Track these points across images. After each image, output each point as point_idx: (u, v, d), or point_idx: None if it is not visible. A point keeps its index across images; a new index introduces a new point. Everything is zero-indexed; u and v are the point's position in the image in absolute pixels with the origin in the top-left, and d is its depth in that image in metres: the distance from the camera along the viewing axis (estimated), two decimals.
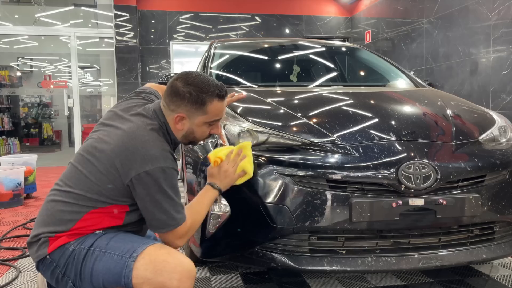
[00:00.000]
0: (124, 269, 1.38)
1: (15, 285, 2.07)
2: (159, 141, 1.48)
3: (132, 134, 1.45)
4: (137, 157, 1.40)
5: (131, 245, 1.42)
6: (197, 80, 1.51)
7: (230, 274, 2.17)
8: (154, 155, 1.42)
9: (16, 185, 3.93)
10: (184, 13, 7.85)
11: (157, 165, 1.41)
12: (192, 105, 1.50)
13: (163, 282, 1.37)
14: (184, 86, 1.49)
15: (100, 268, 1.40)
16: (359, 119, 1.98)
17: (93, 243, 1.43)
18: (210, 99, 1.51)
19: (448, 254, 1.75)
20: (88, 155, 1.48)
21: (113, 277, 1.39)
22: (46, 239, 1.43)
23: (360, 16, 8.13)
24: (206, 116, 1.54)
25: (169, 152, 1.48)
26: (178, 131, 1.57)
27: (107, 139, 1.47)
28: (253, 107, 2.18)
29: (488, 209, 1.77)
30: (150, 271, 1.38)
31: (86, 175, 1.45)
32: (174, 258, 1.42)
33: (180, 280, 1.39)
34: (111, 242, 1.43)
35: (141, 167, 1.39)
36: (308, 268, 1.69)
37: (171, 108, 1.53)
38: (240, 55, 3.36)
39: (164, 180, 1.42)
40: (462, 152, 1.82)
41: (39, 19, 7.98)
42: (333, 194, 1.68)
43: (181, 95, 1.49)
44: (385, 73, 3.10)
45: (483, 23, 4.83)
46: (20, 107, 11.23)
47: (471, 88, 5.05)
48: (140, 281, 1.37)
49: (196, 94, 1.49)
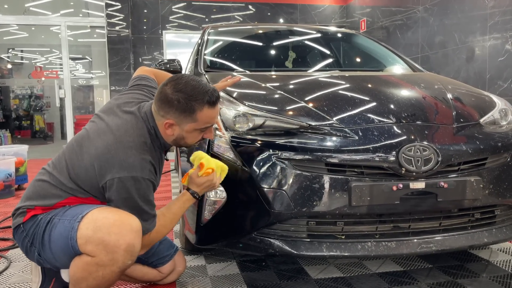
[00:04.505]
0: (70, 231, 1.38)
1: (6, 276, 2.02)
2: (142, 150, 1.47)
3: (118, 138, 1.45)
4: (115, 163, 1.41)
5: (81, 209, 1.43)
6: (187, 86, 1.46)
7: (226, 262, 2.13)
8: (132, 164, 1.42)
9: (7, 176, 3.86)
10: (177, 2, 7.73)
11: (132, 174, 1.41)
12: (180, 113, 1.46)
13: (102, 238, 1.36)
14: (172, 93, 1.45)
15: (55, 234, 1.41)
16: (357, 102, 1.93)
17: (56, 213, 1.44)
18: (200, 107, 1.46)
19: (449, 239, 1.72)
20: (77, 147, 1.51)
21: (64, 241, 1.39)
22: (24, 210, 1.48)
23: (355, 5, 8.06)
24: (197, 124, 1.49)
25: (150, 163, 1.47)
26: (168, 136, 1.55)
27: (95, 137, 1.49)
28: (249, 91, 2.13)
29: (489, 192, 1.74)
30: (91, 229, 1.37)
31: (69, 166, 1.48)
32: (115, 214, 1.41)
33: (119, 233, 1.37)
34: (69, 210, 1.44)
35: (116, 173, 1.40)
36: (307, 253, 1.65)
37: (160, 114, 1.50)
38: (234, 41, 3.29)
39: (135, 190, 1.42)
40: (463, 135, 1.79)
41: (28, 8, 7.83)
42: (332, 178, 1.64)
43: (170, 102, 1.46)
44: (382, 59, 3.05)
45: (480, 10, 4.79)
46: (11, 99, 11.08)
47: (467, 75, 5.02)
48: (84, 241, 1.37)
49: (185, 102, 1.44)
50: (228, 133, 1.77)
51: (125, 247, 1.37)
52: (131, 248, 1.39)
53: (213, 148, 1.76)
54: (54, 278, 1.59)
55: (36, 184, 1.51)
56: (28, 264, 2.15)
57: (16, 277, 2.00)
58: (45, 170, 1.54)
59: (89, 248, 1.36)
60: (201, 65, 2.66)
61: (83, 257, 1.38)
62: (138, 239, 1.41)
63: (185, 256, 2.02)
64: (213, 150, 1.76)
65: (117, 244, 1.36)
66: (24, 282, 1.94)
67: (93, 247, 1.35)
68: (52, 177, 1.49)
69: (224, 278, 1.94)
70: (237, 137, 1.75)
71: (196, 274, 1.99)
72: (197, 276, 1.96)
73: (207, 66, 2.70)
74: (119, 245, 1.36)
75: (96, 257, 1.36)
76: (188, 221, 1.90)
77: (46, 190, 1.48)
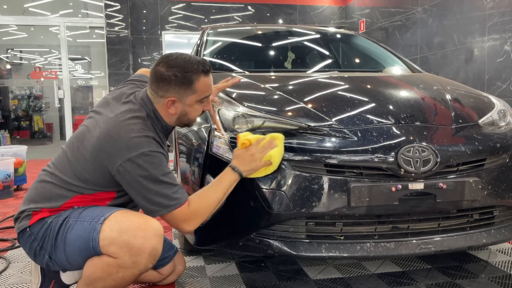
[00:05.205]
0: (92, 233, 1.38)
1: (5, 276, 2.02)
2: (143, 128, 1.46)
3: (117, 123, 1.45)
4: (121, 145, 1.40)
5: (101, 211, 1.43)
6: (179, 60, 1.48)
7: (225, 263, 2.13)
8: (137, 142, 1.40)
9: (5, 176, 3.85)
10: (176, 2, 7.73)
11: (141, 150, 1.39)
12: (180, 86, 1.48)
13: (127, 240, 1.36)
14: (167, 70, 1.47)
15: (72, 236, 1.40)
16: (356, 103, 1.94)
17: (68, 215, 1.43)
18: (197, 77, 1.48)
19: (447, 239, 1.72)
20: (78, 142, 1.50)
21: (83, 243, 1.38)
22: (30, 213, 1.46)
23: (354, 6, 8.07)
24: (197, 95, 1.51)
25: (153, 138, 1.46)
26: (171, 116, 1.55)
27: (95, 128, 1.48)
28: (249, 92, 2.13)
29: (488, 193, 1.74)
30: (116, 231, 1.37)
31: (73, 162, 1.47)
32: (139, 217, 1.42)
33: (145, 237, 1.38)
34: (85, 212, 1.44)
35: (125, 155, 1.38)
36: (306, 254, 1.65)
37: (160, 95, 1.51)
38: (233, 42, 3.30)
39: (149, 164, 1.40)
40: (462, 136, 1.79)
41: (28, 9, 7.82)
42: (331, 178, 1.64)
43: (167, 79, 1.47)
44: (381, 60, 3.06)
45: (479, 11, 4.79)
46: (10, 100, 11.06)
47: (466, 76, 5.03)
48: (107, 243, 1.36)
49: (182, 74, 1.46)
50: (227, 134, 1.77)
51: (149, 251, 1.38)
52: (154, 252, 1.40)
53: (212, 149, 1.76)
54: (54, 280, 1.59)
55: (39, 186, 1.50)
56: (27, 265, 2.14)
57: (15, 278, 2.00)
58: (46, 172, 1.53)
59: (113, 250, 1.36)
60: None
61: (103, 258, 1.38)
62: (161, 243, 1.42)
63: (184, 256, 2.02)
64: (212, 150, 1.76)
65: (142, 248, 1.37)
66: (23, 283, 1.94)
67: (117, 249, 1.36)
68: (55, 177, 1.48)
69: (223, 279, 1.94)
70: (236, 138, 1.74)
71: (195, 275, 1.99)
72: (196, 277, 1.96)
73: None
74: (144, 248, 1.37)
75: (118, 259, 1.36)
76: None
77: (50, 191, 1.47)
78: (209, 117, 1.91)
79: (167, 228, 2.74)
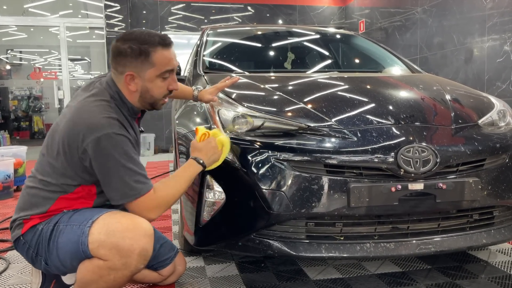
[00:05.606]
0: (81, 236, 1.37)
1: (4, 277, 2.02)
2: (106, 110, 1.43)
3: (79, 108, 1.44)
4: (82, 129, 1.38)
5: (90, 214, 1.42)
6: (136, 33, 1.48)
7: (225, 263, 2.13)
8: (98, 123, 1.38)
9: (5, 177, 3.85)
10: (176, 3, 7.73)
11: (102, 132, 1.36)
12: (136, 59, 1.46)
13: (116, 242, 1.35)
14: (123, 43, 1.46)
15: (63, 240, 1.40)
16: (356, 104, 1.94)
17: (58, 220, 1.43)
18: (153, 48, 1.46)
19: (447, 240, 1.72)
20: (50, 139, 1.50)
21: (73, 246, 1.38)
22: (21, 221, 1.46)
23: (353, 6, 8.07)
24: (156, 68, 1.48)
25: (117, 120, 1.43)
26: (133, 94, 1.52)
27: (61, 120, 1.48)
28: (248, 92, 2.13)
29: (487, 193, 1.74)
30: (104, 234, 1.36)
31: (50, 161, 1.47)
32: (128, 218, 1.40)
33: (133, 238, 1.37)
34: (74, 215, 1.43)
35: (87, 137, 1.36)
36: (306, 255, 1.65)
37: (119, 71, 1.49)
38: (233, 42, 3.30)
39: (112, 147, 1.37)
40: (461, 136, 1.79)
41: (27, 9, 7.82)
42: (330, 179, 1.64)
43: (123, 53, 1.46)
44: (381, 60, 3.06)
45: (478, 11, 4.80)
46: (9, 100, 11.06)
47: (466, 76, 5.03)
48: (96, 246, 1.36)
49: (137, 46, 1.45)
50: (227, 134, 1.77)
51: (139, 252, 1.37)
52: (144, 253, 1.39)
53: None
54: (54, 280, 1.59)
55: (25, 193, 1.51)
56: (27, 266, 2.14)
57: (15, 279, 2.00)
58: (30, 177, 1.54)
59: (102, 252, 1.35)
60: (200, 66, 2.66)
61: (94, 261, 1.38)
62: (151, 243, 1.41)
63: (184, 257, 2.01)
64: None
65: (131, 249, 1.36)
66: (23, 284, 1.94)
67: (106, 251, 1.35)
68: (38, 181, 1.48)
69: (223, 279, 1.94)
70: (236, 138, 1.75)
71: (195, 275, 1.99)
72: (196, 277, 1.96)
73: (206, 67, 2.71)
74: (133, 249, 1.36)
75: (108, 261, 1.36)
76: (187, 222, 1.90)
77: (36, 196, 1.47)
78: (209, 118, 1.91)
79: (167, 229, 2.74)
